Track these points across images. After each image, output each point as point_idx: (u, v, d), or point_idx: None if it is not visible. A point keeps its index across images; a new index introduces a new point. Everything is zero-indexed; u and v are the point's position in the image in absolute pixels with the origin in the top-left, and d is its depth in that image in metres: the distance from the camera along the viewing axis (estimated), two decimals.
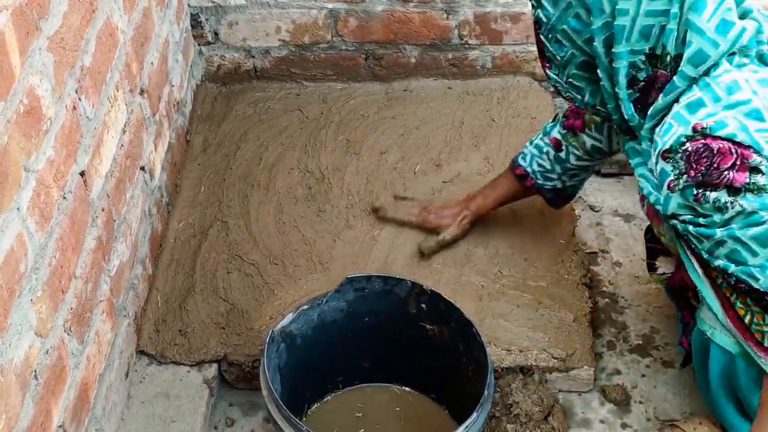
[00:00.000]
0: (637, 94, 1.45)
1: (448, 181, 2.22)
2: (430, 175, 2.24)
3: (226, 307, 1.92)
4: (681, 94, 1.39)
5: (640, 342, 1.95)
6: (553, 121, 1.89)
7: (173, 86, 2.25)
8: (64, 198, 1.48)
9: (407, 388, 1.83)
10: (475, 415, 1.48)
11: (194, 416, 1.74)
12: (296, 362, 1.70)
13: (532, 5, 1.50)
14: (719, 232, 1.37)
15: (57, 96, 1.45)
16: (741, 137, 1.32)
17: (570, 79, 1.52)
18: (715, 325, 1.55)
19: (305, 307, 1.69)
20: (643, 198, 1.57)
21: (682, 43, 1.37)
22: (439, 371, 1.76)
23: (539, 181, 1.90)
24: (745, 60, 1.39)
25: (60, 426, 1.46)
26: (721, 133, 1.33)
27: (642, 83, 1.43)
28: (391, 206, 2.09)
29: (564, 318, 1.89)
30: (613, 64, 1.42)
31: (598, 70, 1.45)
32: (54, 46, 1.44)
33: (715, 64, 1.38)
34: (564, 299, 1.93)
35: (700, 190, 1.35)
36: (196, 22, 2.46)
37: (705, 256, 1.44)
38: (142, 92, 1.95)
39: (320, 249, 2.05)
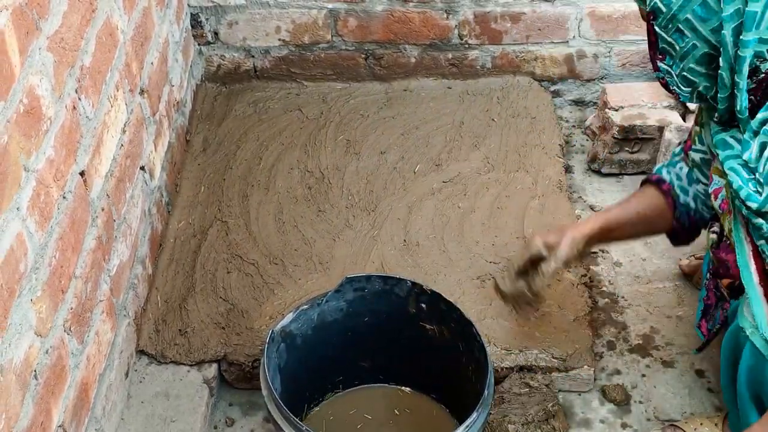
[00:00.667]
0: (754, 85, 1.39)
1: (448, 180, 2.22)
2: (430, 175, 2.24)
3: (226, 307, 1.92)
4: None
5: (640, 342, 1.94)
6: (686, 142, 1.75)
7: (173, 86, 2.25)
8: (64, 198, 1.48)
9: (407, 388, 1.83)
10: (475, 415, 1.48)
11: (194, 416, 1.74)
12: (296, 362, 1.70)
13: None
14: None
15: (57, 96, 1.45)
16: None
17: (684, 72, 1.44)
18: (757, 327, 1.49)
19: (305, 307, 1.69)
20: (717, 192, 1.52)
21: None
22: (439, 371, 1.76)
23: (675, 190, 1.72)
24: None
25: (60, 426, 1.46)
26: None
27: (763, 74, 1.37)
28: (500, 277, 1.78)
29: (564, 318, 1.89)
30: (739, 52, 1.35)
31: (721, 59, 1.37)
32: (54, 45, 1.44)
33: None
34: (564, 299, 1.93)
35: None
36: (196, 22, 2.46)
37: None
38: (142, 92, 1.95)
39: (320, 249, 2.05)
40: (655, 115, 2.27)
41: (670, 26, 1.40)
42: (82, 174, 1.56)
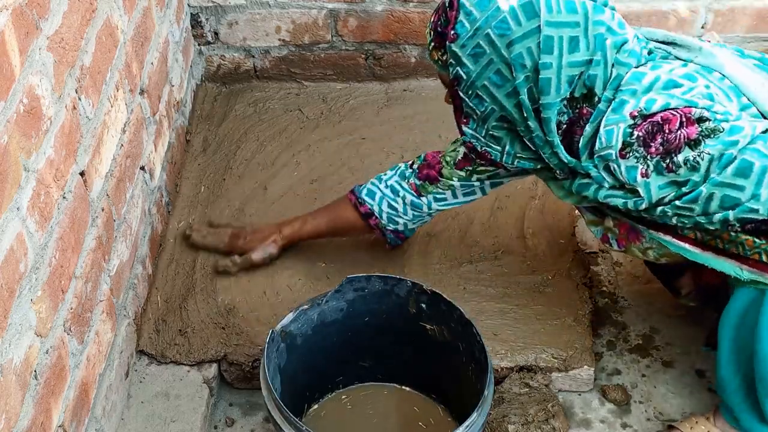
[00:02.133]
0: (561, 137, 1.53)
1: None
2: None
3: (226, 307, 1.92)
4: (603, 115, 1.48)
5: (640, 342, 1.94)
6: (409, 167, 1.85)
7: (173, 86, 2.25)
8: (64, 198, 1.48)
9: (407, 388, 1.83)
10: (475, 415, 1.48)
11: (194, 416, 1.74)
12: (296, 362, 1.70)
13: (451, 63, 1.54)
14: (704, 189, 1.43)
15: (57, 96, 1.45)
16: (674, 103, 1.43)
17: (490, 132, 1.59)
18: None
19: (305, 307, 1.69)
20: (606, 238, 1.66)
21: (608, 80, 1.47)
22: (439, 371, 1.76)
23: (383, 222, 1.87)
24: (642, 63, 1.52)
25: (60, 426, 1.46)
26: (655, 107, 1.43)
27: (565, 126, 1.51)
28: (203, 233, 2.04)
29: (564, 318, 1.89)
30: (542, 115, 1.49)
31: (529, 122, 1.51)
32: (54, 45, 1.44)
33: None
34: (564, 299, 1.93)
35: (668, 160, 1.43)
36: (196, 22, 2.46)
37: (702, 221, 1.47)
38: (142, 92, 1.95)
39: (320, 249, 2.05)
40: None
41: (470, 92, 1.55)
42: (82, 174, 1.56)
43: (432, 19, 1.58)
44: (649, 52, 1.54)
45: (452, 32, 1.51)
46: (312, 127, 2.41)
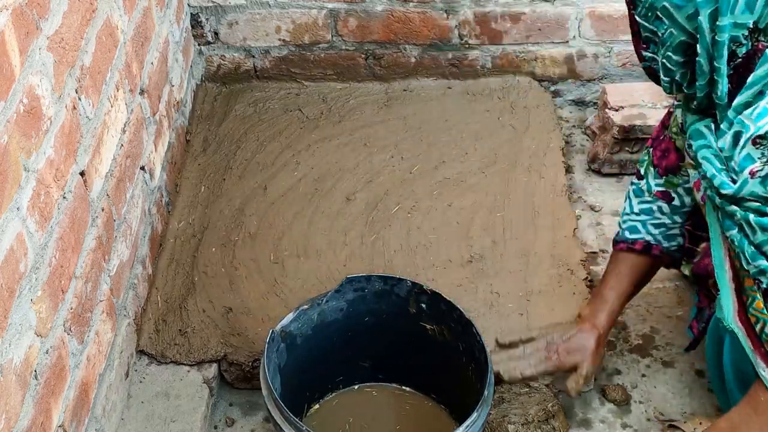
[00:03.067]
0: (732, 71, 1.40)
1: (448, 180, 2.22)
2: (430, 175, 2.24)
3: (226, 306, 1.92)
4: None
5: (640, 342, 1.94)
6: (638, 179, 1.76)
7: (173, 86, 2.25)
8: (64, 198, 1.48)
9: (407, 388, 1.83)
10: (475, 415, 1.48)
11: (194, 416, 1.74)
12: (296, 362, 1.70)
13: None
14: None
15: (57, 96, 1.45)
16: None
17: (664, 60, 1.45)
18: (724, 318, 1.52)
19: (305, 307, 1.69)
20: (698, 184, 1.53)
21: None
22: (439, 371, 1.76)
23: (665, 245, 1.73)
24: None
25: (60, 426, 1.46)
26: None
27: (740, 59, 1.38)
28: (508, 361, 1.74)
29: (564, 318, 1.89)
30: (716, 37, 1.36)
31: (698, 46, 1.38)
32: (54, 45, 1.44)
33: None
34: (564, 299, 1.93)
35: None
36: (196, 22, 2.46)
37: (749, 251, 1.39)
38: (142, 92, 1.95)
39: (320, 249, 2.05)
40: (655, 115, 2.27)
41: (649, 14, 1.41)
42: (82, 174, 1.56)
43: None
44: None
45: None
46: (312, 127, 2.41)
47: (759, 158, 1.33)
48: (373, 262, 2.01)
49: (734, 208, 1.39)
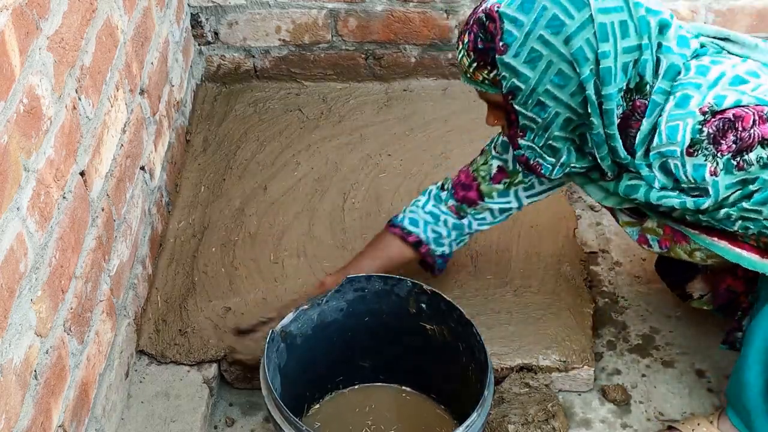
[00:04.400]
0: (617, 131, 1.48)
1: None
2: (430, 175, 2.24)
3: (226, 306, 1.92)
4: (662, 108, 1.43)
5: (640, 342, 1.94)
6: (441, 189, 1.81)
7: (173, 86, 2.25)
8: (64, 198, 1.48)
9: (407, 388, 1.83)
10: (475, 415, 1.48)
11: (194, 416, 1.74)
12: (296, 362, 1.70)
13: (503, 77, 1.45)
14: None
15: (57, 96, 1.45)
16: (745, 99, 1.38)
17: (550, 141, 1.51)
18: None
19: (305, 307, 1.69)
20: (643, 240, 1.63)
21: (657, 67, 1.43)
22: (439, 371, 1.76)
23: (432, 247, 1.81)
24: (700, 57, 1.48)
25: (60, 426, 1.46)
26: (726, 103, 1.38)
27: (619, 120, 1.46)
28: (251, 344, 1.81)
29: (564, 318, 1.89)
30: (604, 107, 1.43)
31: (592, 118, 1.44)
32: (54, 45, 1.44)
33: (680, 71, 1.45)
34: (564, 299, 1.93)
35: (739, 158, 1.38)
36: (196, 22, 2.46)
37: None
38: (142, 92, 1.95)
39: (319, 249, 2.05)
40: None
41: (530, 102, 1.46)
42: (82, 174, 1.56)
43: (464, 40, 1.49)
44: (701, 46, 1.49)
45: (501, 44, 1.43)
46: (312, 127, 2.41)
47: (705, 159, 1.40)
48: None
49: (724, 210, 1.45)
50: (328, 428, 1.77)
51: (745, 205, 1.43)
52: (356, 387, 1.84)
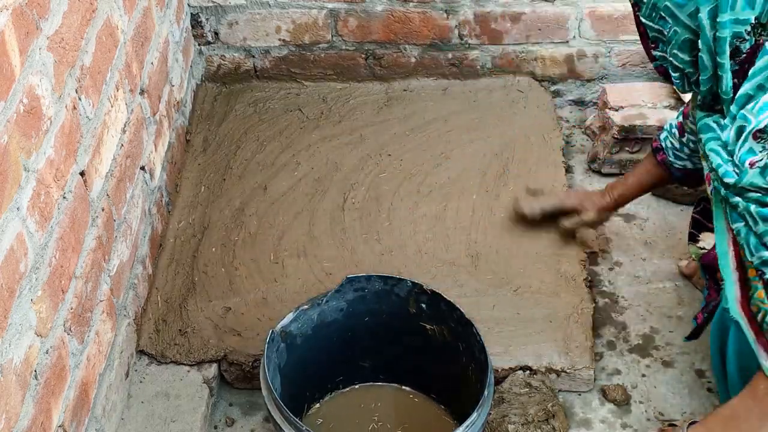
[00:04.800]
0: (737, 67, 1.42)
1: (448, 180, 2.22)
2: (431, 175, 2.24)
3: (226, 306, 1.92)
4: None
5: (640, 342, 1.94)
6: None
7: (173, 86, 2.25)
8: (64, 198, 1.48)
9: (407, 388, 1.83)
10: (475, 415, 1.48)
11: (194, 416, 1.74)
12: (296, 362, 1.70)
13: None
14: None
15: (57, 96, 1.45)
16: None
17: (670, 58, 1.48)
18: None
19: (305, 306, 1.69)
20: (709, 177, 1.55)
21: None
22: (439, 371, 1.76)
23: (669, 158, 1.86)
24: None
25: (60, 426, 1.46)
26: None
27: (744, 55, 1.40)
28: (530, 200, 2.10)
29: (564, 318, 1.89)
30: (717, 34, 1.39)
31: (700, 42, 1.41)
32: (54, 45, 1.44)
33: None
34: (564, 299, 1.93)
35: None
36: (196, 22, 2.46)
37: (752, 242, 1.41)
38: (142, 92, 1.95)
39: (319, 249, 2.05)
40: (655, 115, 2.27)
41: (653, 14, 1.45)
42: (82, 174, 1.56)
43: None
44: None
45: None
46: (312, 127, 2.41)
47: (760, 151, 1.37)
48: (372, 261, 2.01)
49: (737, 199, 1.42)
50: (328, 428, 1.77)
51: (752, 208, 1.40)
52: (356, 387, 1.84)
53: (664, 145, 1.87)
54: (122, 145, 1.79)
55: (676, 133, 1.84)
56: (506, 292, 1.95)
